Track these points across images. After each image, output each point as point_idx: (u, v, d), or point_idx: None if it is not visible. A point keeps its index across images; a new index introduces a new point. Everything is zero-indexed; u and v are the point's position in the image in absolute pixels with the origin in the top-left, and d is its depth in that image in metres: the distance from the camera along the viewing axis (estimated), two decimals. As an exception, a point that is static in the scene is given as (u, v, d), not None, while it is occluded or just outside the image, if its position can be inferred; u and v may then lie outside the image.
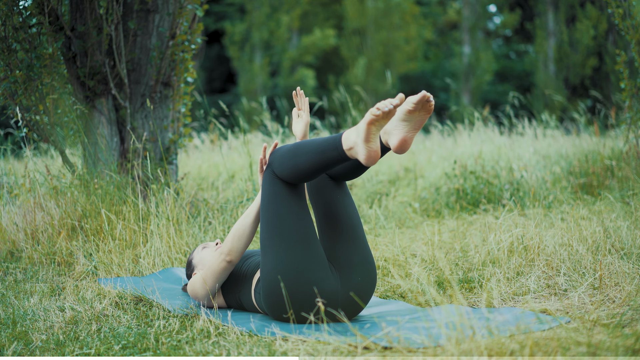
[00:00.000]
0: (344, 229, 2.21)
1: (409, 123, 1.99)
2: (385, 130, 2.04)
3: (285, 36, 17.69)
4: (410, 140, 2.01)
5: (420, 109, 1.96)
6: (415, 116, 1.98)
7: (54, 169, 3.84)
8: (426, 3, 20.42)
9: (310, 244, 2.13)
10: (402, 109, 1.98)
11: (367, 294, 2.21)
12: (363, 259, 2.20)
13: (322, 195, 2.26)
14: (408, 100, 1.96)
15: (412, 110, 1.95)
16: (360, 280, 2.17)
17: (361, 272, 2.18)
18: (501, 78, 19.94)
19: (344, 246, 2.19)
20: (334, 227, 2.22)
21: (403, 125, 1.99)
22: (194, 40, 3.96)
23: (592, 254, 2.64)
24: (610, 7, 4.30)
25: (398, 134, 2.00)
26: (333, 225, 2.22)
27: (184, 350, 1.90)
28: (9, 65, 3.47)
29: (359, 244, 2.21)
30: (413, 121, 1.98)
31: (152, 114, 3.85)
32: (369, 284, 2.21)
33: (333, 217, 2.23)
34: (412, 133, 2.00)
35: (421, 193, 4.92)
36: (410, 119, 1.98)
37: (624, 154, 4.61)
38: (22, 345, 2.00)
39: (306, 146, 2.13)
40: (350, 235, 2.21)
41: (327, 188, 2.27)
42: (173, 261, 3.13)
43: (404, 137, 2.00)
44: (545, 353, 1.62)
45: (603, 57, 15.60)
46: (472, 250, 3.06)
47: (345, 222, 2.22)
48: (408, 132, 2.00)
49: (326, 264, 2.13)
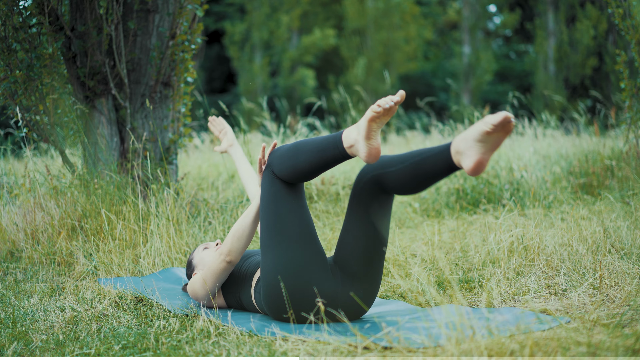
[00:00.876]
0: (373, 242, 2.14)
1: (485, 144, 1.83)
2: (457, 149, 1.88)
3: (285, 36, 17.70)
4: (486, 162, 1.85)
5: (500, 130, 1.80)
6: (493, 137, 1.82)
7: (54, 169, 3.84)
8: (426, 3, 20.43)
9: (311, 243, 2.13)
10: (479, 130, 1.81)
11: (369, 299, 2.20)
12: (375, 279, 2.18)
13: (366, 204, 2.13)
14: (486, 121, 1.79)
15: (491, 131, 1.79)
16: (362, 292, 2.16)
17: (366, 287, 2.17)
18: (501, 78, 19.95)
19: (364, 259, 2.14)
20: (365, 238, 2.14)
21: (479, 146, 1.83)
22: (194, 40, 3.96)
23: (592, 254, 2.64)
24: (610, 7, 4.30)
25: (473, 155, 1.84)
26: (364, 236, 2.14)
27: (184, 350, 1.90)
28: (9, 65, 3.47)
29: (380, 263, 2.18)
30: (490, 142, 1.83)
31: (152, 114, 3.85)
32: (370, 298, 2.20)
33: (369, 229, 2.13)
34: (489, 154, 1.84)
35: (421, 193, 4.92)
36: (487, 140, 1.82)
37: (624, 154, 4.61)
38: (22, 345, 2.00)
39: (306, 145, 2.12)
40: (376, 251, 2.15)
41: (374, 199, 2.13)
42: (173, 261, 3.13)
43: (479, 159, 1.84)
44: (545, 353, 1.62)
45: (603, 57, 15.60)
46: (472, 250, 3.06)
47: (374, 235, 2.14)
48: (484, 153, 1.84)
49: (327, 264, 2.13)
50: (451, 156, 1.90)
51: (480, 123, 1.81)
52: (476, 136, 1.83)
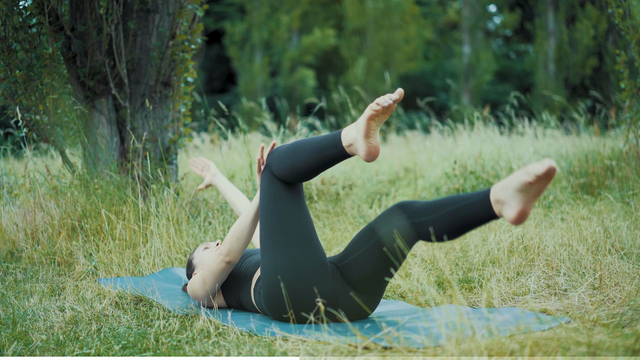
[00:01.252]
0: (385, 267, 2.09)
1: (527, 194, 1.77)
2: (497, 199, 1.83)
3: (285, 36, 17.70)
4: (529, 211, 1.79)
5: (543, 179, 1.73)
6: (535, 187, 1.76)
7: (54, 169, 3.84)
8: (426, 3, 20.43)
9: (310, 244, 2.13)
10: (521, 180, 1.75)
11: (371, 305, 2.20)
12: (377, 295, 2.17)
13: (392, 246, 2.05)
14: (529, 172, 1.73)
15: (534, 182, 1.74)
16: (361, 300, 2.16)
17: (367, 300, 2.16)
18: (501, 78, 19.95)
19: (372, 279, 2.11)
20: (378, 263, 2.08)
21: (521, 196, 1.78)
22: (194, 40, 3.96)
23: (592, 254, 2.64)
24: (610, 7, 4.30)
25: (515, 205, 1.79)
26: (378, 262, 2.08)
27: (184, 350, 1.90)
28: (9, 65, 3.47)
29: (385, 282, 2.14)
30: (532, 191, 1.77)
31: (152, 114, 3.85)
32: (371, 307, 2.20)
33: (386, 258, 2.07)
34: (531, 203, 1.79)
35: (421, 193, 4.92)
36: (528, 190, 1.77)
37: (624, 154, 4.61)
38: (22, 345, 2.00)
39: (305, 145, 2.12)
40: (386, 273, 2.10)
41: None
42: (173, 261, 3.13)
43: (522, 208, 1.78)
44: (545, 353, 1.62)
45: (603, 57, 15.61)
46: (472, 250, 3.07)
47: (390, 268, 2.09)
48: (526, 202, 1.78)
49: (327, 264, 2.13)
50: (491, 205, 1.84)
51: (522, 173, 1.75)
52: (517, 186, 1.77)
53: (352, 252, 2.12)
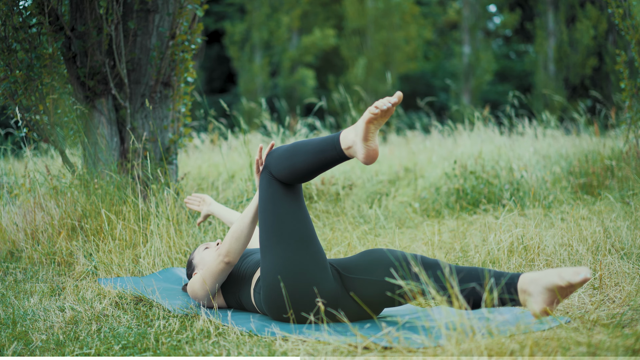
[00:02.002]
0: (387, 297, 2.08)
1: (554, 293, 1.82)
2: (525, 289, 1.85)
3: (285, 36, 17.69)
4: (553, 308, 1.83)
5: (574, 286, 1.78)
6: (565, 290, 1.81)
7: (54, 169, 3.84)
8: (426, 3, 20.43)
9: (310, 244, 2.13)
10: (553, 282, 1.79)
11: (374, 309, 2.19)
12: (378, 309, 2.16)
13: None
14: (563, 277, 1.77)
15: (564, 287, 1.78)
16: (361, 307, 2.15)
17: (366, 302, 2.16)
18: (501, 78, 19.95)
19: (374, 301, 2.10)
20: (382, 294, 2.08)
21: (548, 294, 1.82)
22: (194, 40, 3.96)
23: (592, 254, 2.64)
24: (610, 7, 4.30)
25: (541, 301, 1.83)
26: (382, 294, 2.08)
27: (184, 350, 1.90)
28: (9, 65, 3.47)
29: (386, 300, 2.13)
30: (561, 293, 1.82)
31: (152, 114, 3.85)
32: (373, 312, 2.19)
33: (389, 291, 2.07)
34: (558, 302, 1.83)
35: (421, 193, 4.92)
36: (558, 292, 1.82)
37: (624, 154, 4.61)
38: (22, 345, 2.00)
39: (303, 146, 2.12)
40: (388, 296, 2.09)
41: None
42: (173, 261, 3.13)
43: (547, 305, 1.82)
44: (545, 353, 1.62)
45: (603, 57, 15.61)
46: (472, 250, 3.06)
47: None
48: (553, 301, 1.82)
49: (326, 264, 2.13)
50: (518, 294, 1.87)
51: (556, 276, 1.78)
52: (548, 285, 1.80)
53: (357, 271, 2.11)
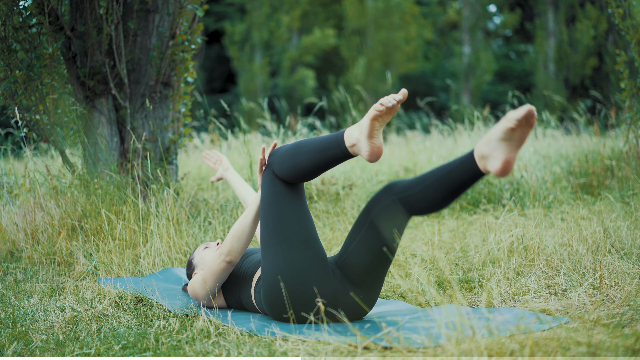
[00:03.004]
0: (381, 256, 2.10)
1: (510, 142, 1.78)
2: (481, 154, 1.83)
3: (285, 36, 17.70)
4: (513, 160, 1.79)
5: (524, 125, 1.74)
6: (517, 133, 1.76)
7: (54, 169, 3.84)
8: (426, 3, 20.43)
9: (311, 244, 2.13)
10: (502, 128, 1.76)
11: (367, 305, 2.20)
12: (377, 287, 2.17)
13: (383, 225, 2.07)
14: (509, 118, 1.74)
15: (515, 127, 1.74)
16: (362, 297, 2.16)
17: (367, 293, 2.16)
18: (501, 78, 19.95)
19: (370, 270, 2.12)
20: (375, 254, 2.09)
21: (504, 145, 1.78)
22: (194, 40, 3.96)
23: (592, 254, 2.64)
24: (610, 7, 4.30)
25: (500, 155, 1.79)
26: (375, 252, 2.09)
27: (184, 350, 1.90)
28: (9, 65, 3.47)
29: (384, 274, 2.16)
30: (515, 139, 1.77)
31: (152, 114, 3.85)
32: (370, 302, 2.20)
33: (380, 245, 2.08)
34: (515, 152, 1.79)
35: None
36: (511, 138, 1.77)
37: (624, 154, 4.61)
38: (22, 345, 2.00)
39: (307, 145, 2.12)
40: (383, 263, 2.11)
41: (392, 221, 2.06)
42: (173, 261, 3.13)
43: (506, 158, 1.78)
44: (545, 353, 1.62)
45: (603, 57, 15.61)
46: (472, 250, 3.07)
47: (386, 256, 2.10)
48: (510, 152, 1.78)
49: (327, 264, 2.13)
50: (476, 164, 1.85)
51: (503, 121, 1.76)
52: (500, 135, 1.78)
53: (349, 245, 2.13)
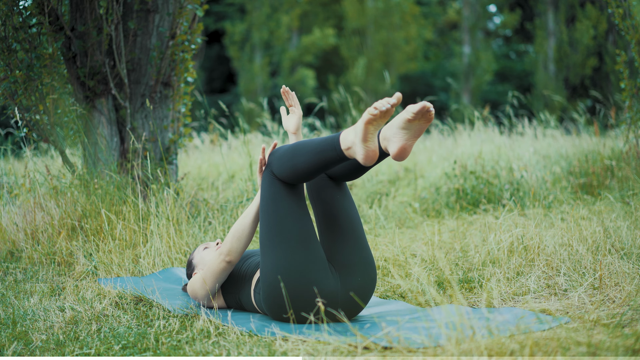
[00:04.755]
0: (344, 229, 2.22)
1: (408, 131, 1.97)
2: (384, 136, 2.03)
3: (285, 36, 17.69)
4: (409, 148, 2.00)
5: (420, 118, 1.94)
6: (415, 125, 1.96)
7: (54, 169, 3.84)
8: (426, 3, 20.43)
9: (310, 244, 2.13)
10: (402, 117, 1.96)
11: (367, 294, 2.21)
12: (363, 259, 2.21)
13: (322, 195, 2.26)
14: (408, 110, 1.93)
15: (412, 119, 1.93)
16: (360, 280, 2.17)
17: (361, 272, 2.19)
18: (501, 78, 19.94)
19: (343, 246, 2.19)
20: (334, 228, 2.22)
21: (403, 133, 1.98)
22: (194, 40, 3.96)
23: (592, 254, 2.64)
24: (610, 7, 4.30)
25: (397, 141, 1.99)
26: (332, 226, 2.22)
27: (184, 350, 1.90)
28: (9, 65, 3.47)
29: (359, 244, 2.21)
30: (413, 129, 1.97)
31: (152, 114, 3.85)
32: (369, 284, 2.21)
33: (332, 217, 2.23)
34: (412, 141, 1.99)
35: (421, 193, 4.92)
36: (409, 127, 1.96)
37: (624, 154, 4.61)
38: (22, 345, 2.00)
39: (304, 146, 2.13)
40: (350, 235, 2.21)
41: (327, 188, 2.27)
42: (173, 261, 3.13)
43: (403, 144, 1.98)
44: (545, 353, 1.62)
45: (603, 57, 15.60)
46: (472, 250, 3.06)
47: (344, 222, 2.22)
48: (407, 140, 1.98)
49: (326, 264, 2.13)
50: (379, 142, 2.05)
51: (403, 112, 1.95)
52: (400, 124, 1.96)
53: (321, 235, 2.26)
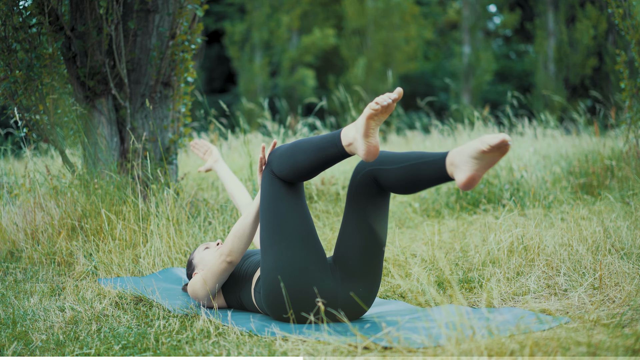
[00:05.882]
0: (371, 241, 2.14)
1: (480, 162, 1.85)
2: (452, 161, 1.90)
3: (285, 36, 17.70)
4: (478, 178, 1.87)
5: (496, 151, 1.82)
6: (488, 156, 1.84)
7: (54, 169, 3.84)
8: (426, 3, 20.43)
9: (311, 243, 2.13)
10: (476, 147, 1.83)
11: (367, 301, 2.20)
12: (374, 277, 2.18)
13: (359, 199, 2.14)
14: (484, 141, 1.81)
15: (487, 151, 1.81)
16: (361, 290, 2.16)
17: (366, 285, 2.17)
18: (501, 78, 19.95)
19: (363, 257, 2.14)
20: (360, 233, 2.14)
21: (473, 162, 1.85)
22: (194, 40, 3.96)
23: (592, 254, 2.64)
24: (610, 7, 4.30)
25: (467, 170, 1.86)
26: (360, 231, 2.14)
27: (184, 350, 1.90)
28: (9, 65, 3.47)
29: (379, 261, 2.17)
30: (485, 160, 1.85)
31: (152, 114, 3.85)
32: (370, 297, 2.20)
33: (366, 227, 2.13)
34: (482, 172, 1.87)
35: (421, 193, 4.92)
36: (482, 158, 1.84)
37: (624, 154, 4.61)
38: (22, 345, 2.00)
39: (305, 144, 2.13)
40: (375, 249, 2.15)
41: (369, 193, 2.14)
42: (173, 261, 3.13)
43: (472, 174, 1.86)
44: (545, 353, 1.62)
45: (603, 57, 15.60)
46: (472, 250, 3.06)
47: (370, 232, 2.14)
48: (478, 170, 1.86)
49: (326, 263, 2.13)
50: (445, 167, 1.92)
51: (478, 141, 1.83)
52: (472, 153, 1.85)
53: (341, 236, 2.18)
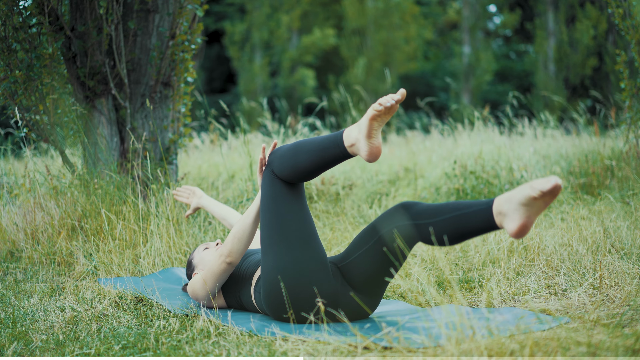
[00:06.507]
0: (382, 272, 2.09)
1: (530, 208, 1.77)
2: (499, 210, 1.82)
3: (285, 36, 17.70)
4: (530, 225, 1.79)
5: (547, 196, 1.74)
6: (539, 202, 1.76)
7: (54, 169, 3.84)
8: (426, 3, 20.43)
9: (311, 243, 2.13)
10: (526, 194, 1.76)
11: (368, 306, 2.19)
12: (376, 296, 2.16)
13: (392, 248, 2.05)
14: (535, 187, 1.74)
15: (538, 197, 1.74)
16: (361, 297, 2.15)
17: (365, 301, 2.16)
18: (501, 78, 19.95)
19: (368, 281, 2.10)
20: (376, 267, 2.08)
21: (524, 209, 1.77)
22: (194, 40, 3.96)
23: (592, 254, 2.64)
24: (610, 7, 4.30)
25: (518, 218, 1.78)
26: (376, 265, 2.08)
27: (184, 350, 1.90)
28: (9, 65, 3.47)
29: (384, 287, 2.15)
30: (536, 206, 1.77)
31: (152, 114, 3.85)
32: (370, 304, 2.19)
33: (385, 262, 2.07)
34: (534, 218, 1.78)
35: (421, 193, 4.92)
36: (532, 205, 1.77)
37: (624, 154, 4.61)
38: (22, 345, 2.00)
39: (306, 145, 2.13)
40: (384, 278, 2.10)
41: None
42: (173, 261, 3.13)
43: (524, 222, 1.78)
44: (545, 353, 1.62)
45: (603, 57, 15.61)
46: (472, 250, 3.07)
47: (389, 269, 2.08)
48: (529, 217, 1.78)
49: (327, 264, 2.13)
50: (493, 216, 1.84)
51: (527, 188, 1.76)
52: (522, 200, 1.77)
53: (353, 252, 2.13)
